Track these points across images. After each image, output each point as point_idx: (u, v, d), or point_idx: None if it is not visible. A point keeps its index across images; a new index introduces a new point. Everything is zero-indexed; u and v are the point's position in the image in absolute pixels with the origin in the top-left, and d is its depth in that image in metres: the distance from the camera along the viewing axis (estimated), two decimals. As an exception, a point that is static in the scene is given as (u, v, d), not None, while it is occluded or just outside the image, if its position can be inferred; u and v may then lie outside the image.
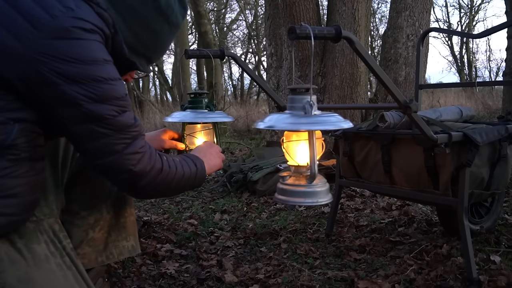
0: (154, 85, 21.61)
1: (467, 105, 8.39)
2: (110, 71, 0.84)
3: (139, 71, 1.06)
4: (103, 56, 0.83)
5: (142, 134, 0.91)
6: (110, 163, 0.86)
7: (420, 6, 4.29)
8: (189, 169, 1.03)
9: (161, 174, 0.94)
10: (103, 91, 0.82)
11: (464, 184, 1.55)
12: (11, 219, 0.84)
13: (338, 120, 1.00)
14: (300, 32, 0.96)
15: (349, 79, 4.00)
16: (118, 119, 0.85)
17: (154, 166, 0.92)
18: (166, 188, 0.98)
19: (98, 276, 1.31)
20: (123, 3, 0.90)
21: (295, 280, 1.66)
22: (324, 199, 1.07)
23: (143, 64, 1.01)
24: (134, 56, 0.97)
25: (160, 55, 1.07)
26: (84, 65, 0.79)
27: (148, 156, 0.91)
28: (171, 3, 0.97)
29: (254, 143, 5.77)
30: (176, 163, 1.00)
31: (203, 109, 1.42)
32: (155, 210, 2.83)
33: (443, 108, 1.96)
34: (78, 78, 0.79)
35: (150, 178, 0.92)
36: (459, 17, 23.71)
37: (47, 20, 0.77)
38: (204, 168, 1.09)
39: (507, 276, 1.53)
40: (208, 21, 9.42)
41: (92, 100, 0.81)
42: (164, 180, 0.95)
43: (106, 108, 0.83)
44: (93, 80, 0.80)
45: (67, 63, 0.78)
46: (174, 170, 0.98)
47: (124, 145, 0.86)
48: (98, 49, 0.83)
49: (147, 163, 0.90)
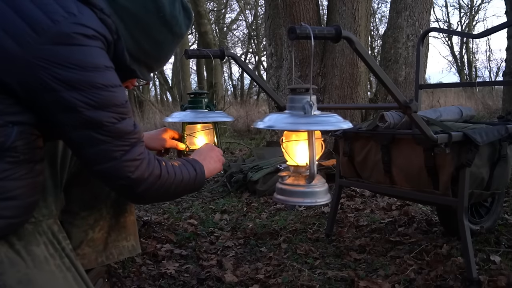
0: (154, 85, 21.60)
1: (467, 105, 8.39)
2: (110, 77, 0.83)
3: (140, 79, 1.06)
4: (104, 62, 0.83)
5: (141, 141, 0.91)
6: (108, 169, 0.86)
7: (420, 6, 4.29)
8: (188, 174, 1.02)
9: (159, 180, 0.94)
10: (102, 98, 0.81)
11: (464, 184, 1.55)
12: (10, 221, 0.84)
13: (338, 120, 1.00)
14: (300, 32, 0.96)
15: (349, 79, 4.00)
16: (117, 126, 0.84)
17: (152, 172, 0.92)
18: (165, 194, 0.98)
19: (98, 277, 1.30)
20: (127, 11, 0.90)
21: (295, 280, 1.66)
22: (323, 199, 1.07)
23: (144, 72, 1.01)
24: (135, 64, 0.96)
25: (162, 64, 1.06)
26: (84, 72, 0.79)
27: (147, 163, 0.91)
28: (175, 13, 0.96)
29: (254, 143, 5.77)
30: (175, 169, 0.99)
31: (203, 109, 1.42)
32: (155, 210, 2.83)
33: (443, 108, 1.96)
34: (77, 85, 0.78)
35: (148, 185, 0.92)
36: (459, 17, 23.73)
37: (48, 25, 0.76)
38: (203, 172, 1.08)
39: (507, 276, 1.53)
40: (208, 21, 9.42)
41: (91, 107, 0.80)
42: (162, 186, 0.95)
43: (106, 115, 0.82)
44: (93, 87, 0.80)
45: (67, 69, 0.77)
46: (172, 175, 0.97)
47: (123, 152, 0.86)
48: (99, 56, 0.82)
49: (145, 170, 0.90)
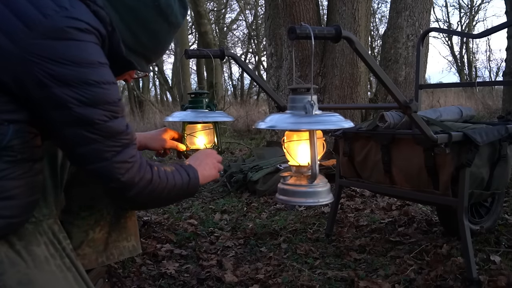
0: (154, 85, 21.66)
1: (467, 105, 8.39)
2: (103, 74, 0.82)
3: (138, 71, 1.05)
4: (97, 58, 0.81)
5: (133, 143, 0.89)
6: (99, 169, 0.84)
7: (420, 6, 4.29)
8: (181, 180, 1.01)
9: (151, 185, 0.92)
10: (94, 95, 0.80)
11: (464, 184, 1.55)
12: (10, 221, 0.84)
13: (339, 119, 1.00)
14: (300, 32, 0.96)
15: (349, 79, 4.00)
16: (108, 124, 0.82)
17: (144, 177, 0.90)
18: (157, 199, 0.96)
19: (99, 277, 1.31)
20: (121, 1, 0.89)
21: (295, 280, 1.66)
22: (325, 199, 1.07)
23: (142, 64, 1.00)
24: (132, 56, 0.95)
25: (159, 55, 1.06)
26: (76, 68, 0.77)
27: (138, 166, 0.89)
28: (170, 2, 0.95)
29: (254, 143, 5.77)
30: (167, 174, 0.97)
31: (203, 109, 1.42)
32: (155, 210, 2.83)
33: (443, 108, 1.96)
34: (69, 81, 0.77)
35: (139, 189, 0.90)
36: (459, 17, 23.75)
37: (40, 20, 0.75)
38: (197, 178, 1.06)
39: (507, 276, 1.53)
40: (208, 21, 9.41)
41: (82, 103, 0.79)
42: (154, 191, 0.93)
43: (97, 113, 0.80)
44: (85, 83, 0.78)
45: (59, 65, 0.76)
46: (164, 181, 0.95)
47: (114, 152, 0.84)
48: (93, 51, 0.81)
49: (135, 174, 0.88)
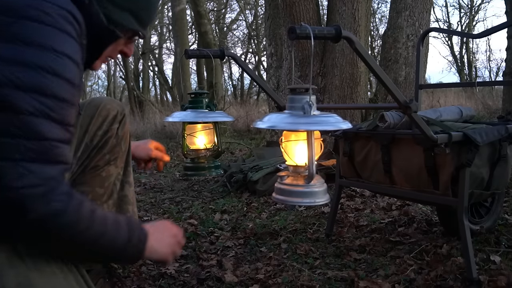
0: (154, 85, 21.68)
1: (467, 105, 8.39)
2: (52, 62, 0.72)
3: (136, 36, 0.97)
4: (52, 44, 0.72)
5: (60, 162, 0.73)
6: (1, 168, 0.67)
7: (420, 6, 4.29)
8: (117, 234, 0.80)
9: (59, 219, 0.71)
10: (30, 80, 0.69)
11: (464, 184, 1.55)
12: None
13: (337, 120, 1.00)
14: (300, 32, 0.96)
15: (349, 79, 4.00)
16: (30, 119, 0.69)
17: (50, 205, 0.70)
18: (69, 243, 0.75)
19: (99, 277, 1.31)
20: None
21: (295, 280, 1.66)
22: (322, 200, 1.07)
23: (131, 21, 0.92)
24: (117, 12, 0.88)
25: (148, 12, 0.96)
26: (21, 47, 0.70)
27: (48, 189, 0.70)
28: None
29: (254, 143, 5.77)
30: (98, 217, 0.77)
31: (203, 109, 1.42)
32: (155, 210, 2.83)
33: (443, 108, 1.97)
34: (10, 59, 0.69)
35: (39, 216, 0.69)
36: (459, 17, 23.75)
37: None
38: (143, 243, 0.85)
39: (507, 276, 1.53)
40: (208, 21, 9.42)
41: (14, 85, 0.68)
42: (62, 229, 0.72)
43: (26, 100, 0.68)
44: (24, 64, 0.69)
45: (6, 42, 0.69)
46: (84, 224, 0.74)
47: (24, 155, 0.68)
48: (50, 35, 0.72)
49: (39, 194, 0.68)
